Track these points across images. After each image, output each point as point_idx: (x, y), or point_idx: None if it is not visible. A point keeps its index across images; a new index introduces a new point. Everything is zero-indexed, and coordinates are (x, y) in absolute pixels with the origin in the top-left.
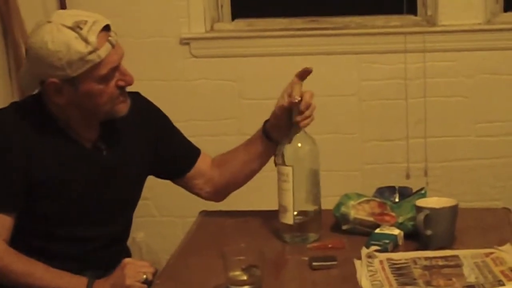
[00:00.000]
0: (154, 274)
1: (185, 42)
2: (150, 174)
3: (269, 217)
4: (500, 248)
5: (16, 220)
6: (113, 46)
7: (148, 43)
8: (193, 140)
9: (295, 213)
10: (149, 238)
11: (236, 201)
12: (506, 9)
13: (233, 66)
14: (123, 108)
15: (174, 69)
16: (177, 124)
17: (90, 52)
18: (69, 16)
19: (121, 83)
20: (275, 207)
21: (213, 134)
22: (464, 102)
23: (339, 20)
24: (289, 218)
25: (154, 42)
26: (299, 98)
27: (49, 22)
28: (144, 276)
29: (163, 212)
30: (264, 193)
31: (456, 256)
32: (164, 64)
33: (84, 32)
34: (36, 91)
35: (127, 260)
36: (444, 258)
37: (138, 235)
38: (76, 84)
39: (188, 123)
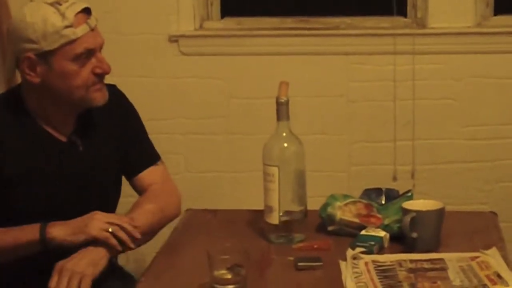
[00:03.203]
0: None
1: (174, 39)
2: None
3: (255, 217)
4: (485, 252)
5: None
6: (91, 29)
7: (136, 40)
8: (180, 138)
9: (281, 213)
10: None
11: (222, 200)
12: (496, 13)
13: (222, 65)
14: (99, 97)
15: (162, 67)
16: (165, 122)
17: (66, 27)
18: None
19: (97, 70)
20: (261, 207)
21: (201, 132)
22: (453, 105)
23: (329, 20)
24: (274, 218)
25: (143, 39)
26: (286, 99)
27: (31, 0)
28: (110, 229)
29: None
30: (250, 193)
31: (442, 260)
32: (153, 61)
33: (62, 8)
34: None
35: (96, 211)
36: (430, 261)
37: None
38: (50, 60)
39: (176, 121)
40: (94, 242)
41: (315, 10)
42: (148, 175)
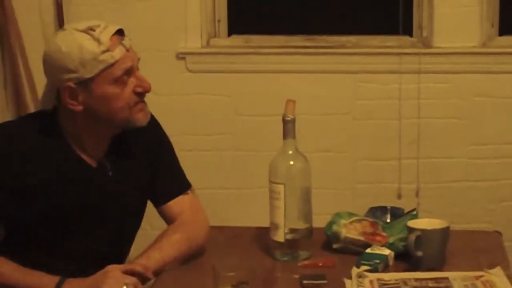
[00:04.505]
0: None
1: (181, 56)
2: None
3: (261, 234)
4: (490, 271)
5: (8, 235)
6: (127, 49)
7: (144, 56)
8: (187, 154)
9: (286, 230)
10: (140, 251)
11: (228, 216)
12: (501, 33)
13: (229, 82)
14: (142, 117)
15: (169, 84)
16: (171, 138)
17: (103, 52)
18: (83, 22)
19: (138, 89)
20: (267, 224)
21: (207, 149)
22: (457, 124)
23: (336, 39)
24: (280, 236)
25: (150, 56)
26: (292, 117)
27: (63, 29)
28: (124, 287)
29: (154, 226)
30: (256, 210)
31: (446, 278)
32: (160, 78)
33: (96, 33)
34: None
35: (111, 266)
36: (434, 279)
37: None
38: (91, 87)
39: (182, 138)
40: None
41: (322, 29)
42: (177, 204)
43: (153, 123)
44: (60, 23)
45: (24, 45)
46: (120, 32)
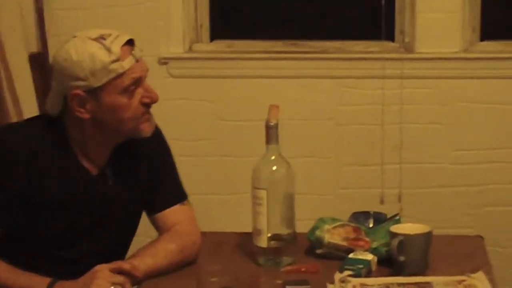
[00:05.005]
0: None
1: (163, 61)
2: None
3: (244, 240)
4: (472, 275)
5: (5, 237)
6: (136, 60)
7: None
8: None
9: (269, 236)
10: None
11: (211, 222)
12: (482, 39)
13: (211, 87)
14: (148, 127)
15: None
16: None
17: (113, 61)
18: (94, 30)
19: (145, 100)
20: (250, 230)
21: (190, 154)
22: (440, 129)
23: (318, 44)
24: (263, 241)
25: None
26: (275, 122)
27: (75, 37)
28: (112, 287)
29: (137, 232)
30: (239, 215)
31: (429, 283)
32: None
33: (107, 42)
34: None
35: (99, 266)
36: (417, 284)
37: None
38: (100, 96)
39: None
40: None
41: (305, 34)
42: (174, 214)
43: (156, 131)
44: (41, 27)
45: (4, 49)
46: (131, 43)
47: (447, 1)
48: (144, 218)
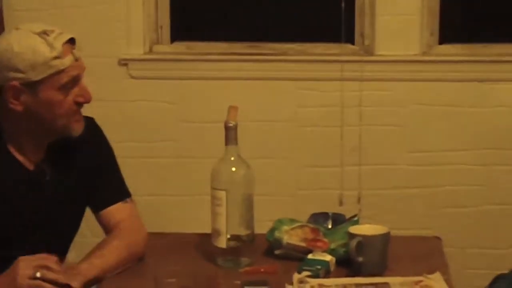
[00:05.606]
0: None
1: (123, 63)
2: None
3: (203, 241)
4: (429, 276)
5: None
6: (76, 59)
7: (86, 62)
8: (130, 161)
9: (228, 237)
10: (81, 258)
11: (170, 223)
12: (441, 42)
13: (172, 88)
14: (78, 127)
15: (112, 90)
16: (114, 145)
17: (55, 58)
18: (38, 25)
19: (80, 99)
20: (209, 231)
21: (150, 156)
22: (398, 131)
23: (278, 46)
24: (222, 242)
25: (92, 62)
26: (234, 123)
27: (17, 29)
28: (38, 274)
29: (95, 233)
30: (198, 216)
31: (387, 284)
32: (102, 85)
33: (50, 38)
34: None
35: (21, 257)
36: (375, 285)
37: (69, 255)
38: (36, 90)
39: (125, 145)
40: None
41: (264, 36)
42: (117, 212)
43: (96, 130)
44: (0, 28)
45: None
46: (72, 41)
47: (406, 4)
48: None
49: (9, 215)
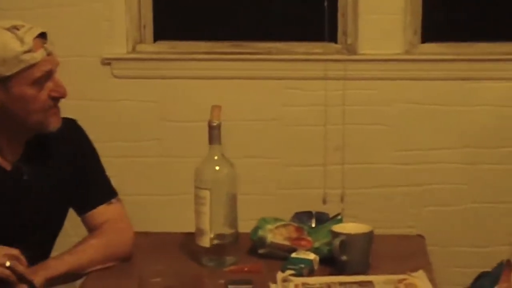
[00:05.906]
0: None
1: (106, 62)
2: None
3: (187, 240)
4: (413, 274)
5: None
6: (48, 53)
7: (69, 62)
8: (113, 161)
9: (212, 236)
10: None
11: (154, 222)
12: (424, 41)
13: (155, 88)
14: (55, 122)
15: (95, 89)
16: (97, 145)
17: (25, 52)
18: (7, 21)
19: (54, 93)
20: (193, 230)
21: (134, 155)
22: (382, 130)
23: (262, 45)
24: (206, 241)
25: (75, 62)
26: (218, 122)
27: None
28: (8, 263)
29: (78, 232)
30: (182, 216)
31: (370, 282)
32: (85, 84)
33: (20, 33)
34: None
35: None
36: (359, 283)
37: (53, 254)
38: (8, 86)
39: (108, 144)
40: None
41: (248, 35)
42: (100, 214)
43: (78, 130)
44: None
45: None
46: (43, 36)
47: (389, 3)
48: None
49: None
